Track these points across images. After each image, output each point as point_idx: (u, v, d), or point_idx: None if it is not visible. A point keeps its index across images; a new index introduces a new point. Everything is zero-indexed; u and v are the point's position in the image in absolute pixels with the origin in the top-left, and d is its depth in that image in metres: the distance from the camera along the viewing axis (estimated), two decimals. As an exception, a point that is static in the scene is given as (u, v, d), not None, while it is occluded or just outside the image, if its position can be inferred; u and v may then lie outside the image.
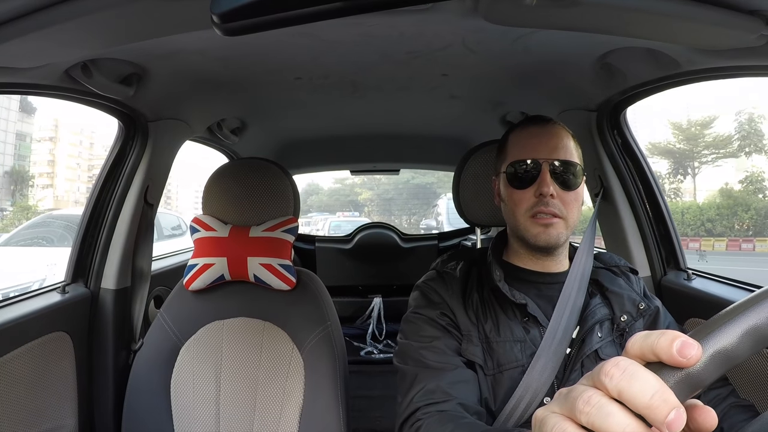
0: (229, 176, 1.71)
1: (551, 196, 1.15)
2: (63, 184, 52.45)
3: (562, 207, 1.16)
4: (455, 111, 2.24)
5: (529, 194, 1.18)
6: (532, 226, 1.17)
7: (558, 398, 0.47)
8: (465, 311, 1.16)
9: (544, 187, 1.15)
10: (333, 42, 1.34)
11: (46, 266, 6.26)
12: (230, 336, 1.62)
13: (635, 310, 1.15)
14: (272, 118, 2.35)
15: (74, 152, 54.37)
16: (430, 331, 1.15)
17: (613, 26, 1.03)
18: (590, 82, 1.58)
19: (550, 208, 1.15)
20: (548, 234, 1.16)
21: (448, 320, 1.16)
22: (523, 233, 1.19)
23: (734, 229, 30.78)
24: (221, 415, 1.55)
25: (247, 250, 1.61)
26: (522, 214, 1.18)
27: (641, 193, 1.80)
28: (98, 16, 0.89)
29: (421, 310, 1.19)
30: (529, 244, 1.19)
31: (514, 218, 1.21)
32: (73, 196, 50.86)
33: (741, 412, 0.95)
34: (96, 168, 50.27)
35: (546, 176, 1.16)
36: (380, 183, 43.58)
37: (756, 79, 1.24)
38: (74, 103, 1.47)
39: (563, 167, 1.18)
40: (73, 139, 54.62)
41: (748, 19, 0.92)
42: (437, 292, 1.20)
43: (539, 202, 1.16)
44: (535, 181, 1.17)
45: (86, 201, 1.78)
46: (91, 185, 1.88)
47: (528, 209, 1.17)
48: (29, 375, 1.42)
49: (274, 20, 0.67)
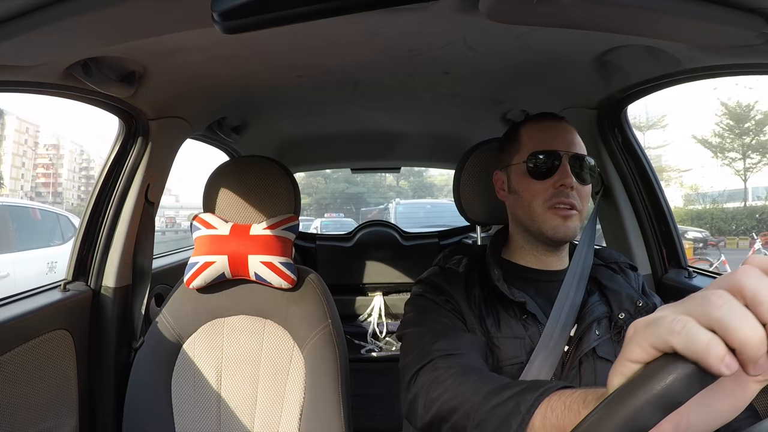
0: (230, 174, 1.71)
1: (571, 188, 1.15)
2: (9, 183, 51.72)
3: (579, 200, 1.17)
4: (456, 109, 2.24)
5: (546, 185, 1.17)
6: (550, 217, 1.16)
7: (671, 306, 0.50)
8: (469, 305, 1.15)
9: (566, 178, 1.15)
10: (334, 40, 1.34)
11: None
12: (231, 334, 1.62)
13: (633, 308, 1.15)
14: (273, 116, 2.35)
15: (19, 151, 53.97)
16: (437, 310, 1.13)
17: (614, 24, 1.03)
18: (591, 80, 1.58)
19: (570, 200, 1.15)
20: (566, 226, 1.16)
21: (453, 307, 1.14)
22: (540, 224, 1.18)
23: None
24: (222, 413, 1.55)
25: (247, 248, 1.61)
26: (540, 205, 1.18)
27: (642, 191, 1.80)
28: (99, 14, 0.89)
29: (427, 295, 1.18)
30: (545, 236, 1.18)
31: (530, 210, 1.20)
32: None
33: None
34: (43, 167, 50.32)
35: (567, 168, 1.16)
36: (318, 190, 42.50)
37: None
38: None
39: (581, 161, 1.19)
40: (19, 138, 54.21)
41: (749, 17, 0.92)
42: (441, 287, 1.18)
43: (559, 193, 1.16)
44: (553, 172, 1.17)
45: (87, 199, 1.78)
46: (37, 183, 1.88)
47: (546, 200, 1.17)
48: (30, 373, 1.42)
49: (274, 18, 0.68)
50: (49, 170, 58.21)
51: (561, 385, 0.75)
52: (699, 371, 0.45)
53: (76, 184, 61.90)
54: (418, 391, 0.97)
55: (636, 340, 0.51)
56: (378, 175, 30.89)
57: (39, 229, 7.33)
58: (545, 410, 0.70)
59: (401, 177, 34.39)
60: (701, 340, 0.45)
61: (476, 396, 0.84)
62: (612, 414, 0.48)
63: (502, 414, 0.77)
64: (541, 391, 0.74)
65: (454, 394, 0.88)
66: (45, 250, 7.09)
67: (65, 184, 60.42)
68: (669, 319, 0.48)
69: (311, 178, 33.70)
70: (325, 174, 31.80)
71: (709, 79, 1.37)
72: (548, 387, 0.75)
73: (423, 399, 0.94)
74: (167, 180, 1.96)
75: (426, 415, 0.93)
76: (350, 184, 35.03)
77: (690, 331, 0.46)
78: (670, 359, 0.47)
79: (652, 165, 1.82)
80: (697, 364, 0.45)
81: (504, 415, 0.76)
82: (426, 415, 0.93)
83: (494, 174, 1.35)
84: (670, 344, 0.47)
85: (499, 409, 0.78)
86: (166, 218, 31.20)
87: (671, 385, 0.46)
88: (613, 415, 0.47)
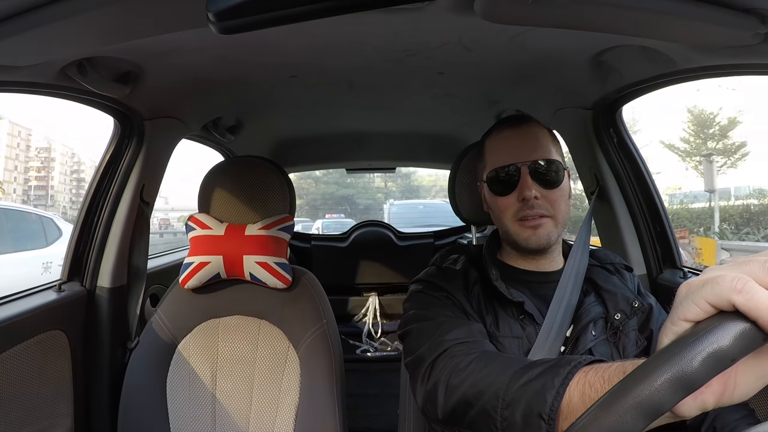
0: (225, 174, 1.70)
1: (535, 198, 1.15)
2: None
3: (548, 206, 1.16)
4: (451, 109, 2.24)
5: (512, 199, 1.18)
6: (521, 230, 1.17)
7: (725, 267, 0.53)
8: (469, 302, 1.15)
9: (526, 191, 1.15)
10: (329, 40, 1.34)
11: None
12: (226, 334, 1.62)
13: (629, 308, 1.15)
14: (268, 116, 2.35)
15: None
16: (440, 305, 1.12)
17: (609, 24, 1.03)
18: (586, 81, 1.58)
19: (536, 210, 1.15)
20: (538, 236, 1.16)
21: (454, 302, 1.14)
22: (514, 238, 1.19)
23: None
24: (217, 413, 1.55)
25: (243, 249, 1.61)
26: (509, 220, 1.19)
27: (637, 191, 1.81)
28: (94, 14, 0.88)
29: (427, 291, 1.17)
30: (521, 247, 1.19)
31: (503, 224, 1.21)
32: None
33: (734, 411, 0.95)
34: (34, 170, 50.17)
35: (527, 180, 1.16)
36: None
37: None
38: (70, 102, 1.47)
39: (543, 166, 1.17)
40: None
41: (744, 17, 0.92)
42: (440, 285, 1.18)
43: (524, 206, 1.16)
44: (515, 186, 1.17)
45: (82, 199, 1.77)
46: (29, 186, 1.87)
47: (514, 214, 1.18)
48: (25, 373, 1.41)
49: (269, 18, 0.68)
50: (40, 173, 58.06)
51: (592, 359, 0.75)
52: (756, 330, 0.47)
53: (67, 187, 61.71)
54: (437, 380, 0.94)
55: (692, 298, 0.53)
56: (367, 177, 31.00)
57: (20, 231, 6.86)
58: (583, 385, 0.70)
59: (389, 179, 34.45)
60: (763, 300, 0.47)
61: (503, 376, 0.82)
62: (666, 367, 0.48)
63: (534, 390, 0.76)
64: (573, 364, 0.74)
65: (479, 377, 0.86)
66: (20, 255, 6.58)
67: (57, 186, 60.17)
68: (730, 278, 0.50)
69: (302, 181, 33.69)
70: (315, 177, 31.84)
71: (704, 80, 1.37)
72: (580, 360, 0.75)
73: (444, 387, 0.92)
74: (162, 180, 1.95)
75: (448, 403, 0.90)
76: (340, 186, 35.12)
77: (752, 289, 0.48)
78: (725, 317, 0.49)
79: (648, 165, 1.83)
80: (756, 323, 0.47)
81: (536, 390, 0.75)
82: (448, 403, 0.90)
83: (477, 186, 1.36)
84: (731, 302, 0.49)
85: (532, 384, 0.77)
86: (159, 220, 31.09)
87: (727, 343, 0.47)
88: (666, 369, 0.48)
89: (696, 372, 0.47)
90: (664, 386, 0.47)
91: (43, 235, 7.09)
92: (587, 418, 0.51)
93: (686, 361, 0.47)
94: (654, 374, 0.48)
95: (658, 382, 0.48)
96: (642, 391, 0.48)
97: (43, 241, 7.01)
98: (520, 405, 0.76)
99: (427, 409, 0.97)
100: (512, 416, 0.77)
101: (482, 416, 0.82)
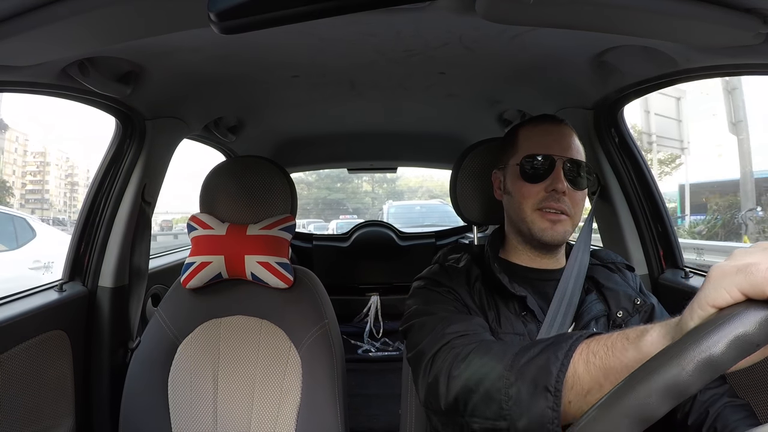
0: (227, 174, 1.70)
1: (563, 193, 1.15)
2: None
3: (570, 205, 1.17)
4: (452, 109, 2.24)
5: (539, 188, 1.17)
6: (539, 220, 1.17)
7: (756, 253, 0.55)
8: (471, 299, 1.14)
9: (558, 183, 1.15)
10: (330, 40, 1.34)
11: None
12: (227, 334, 1.62)
13: (631, 306, 1.15)
14: (269, 116, 2.35)
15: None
16: (442, 300, 1.12)
17: (611, 24, 1.03)
18: (587, 81, 1.58)
19: (561, 204, 1.15)
20: (555, 230, 1.16)
21: (456, 298, 1.13)
22: (529, 226, 1.18)
23: None
24: (218, 413, 1.55)
25: (244, 248, 1.61)
26: (529, 207, 1.18)
27: (638, 191, 1.80)
28: (95, 14, 0.89)
29: (430, 287, 1.17)
30: (534, 238, 1.19)
31: (521, 211, 1.20)
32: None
33: (735, 411, 0.95)
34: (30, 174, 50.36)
35: (560, 173, 1.16)
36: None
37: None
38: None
39: (575, 166, 1.18)
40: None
41: (746, 17, 0.92)
42: (443, 282, 1.17)
43: (549, 197, 1.16)
44: (546, 176, 1.17)
45: (83, 199, 1.78)
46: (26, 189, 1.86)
47: (536, 203, 1.17)
48: (26, 373, 1.42)
49: (271, 18, 0.67)
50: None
51: (592, 333, 0.76)
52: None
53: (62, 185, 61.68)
54: (438, 372, 0.93)
55: (723, 285, 0.54)
56: (356, 182, 31.22)
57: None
58: (587, 356, 0.71)
59: (376, 183, 34.62)
60: None
61: (505, 359, 0.82)
62: (694, 348, 0.49)
63: (538, 365, 0.76)
64: (575, 337, 0.75)
65: (480, 363, 0.86)
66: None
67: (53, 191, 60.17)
68: (764, 268, 0.51)
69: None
70: (308, 182, 32.05)
71: (705, 79, 1.37)
72: (581, 334, 0.76)
73: (445, 378, 0.91)
74: (163, 180, 1.95)
75: (450, 393, 0.89)
76: (331, 191, 35.36)
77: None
78: (752, 305, 0.51)
79: (649, 165, 1.83)
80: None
81: (541, 365, 0.76)
82: (450, 393, 0.89)
83: (493, 173, 1.35)
84: (765, 292, 0.51)
85: (535, 361, 0.77)
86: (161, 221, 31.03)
87: (754, 329, 0.49)
88: (694, 350, 0.49)
89: (724, 358, 0.48)
90: (690, 368, 0.49)
91: (14, 236, 6.47)
92: (610, 398, 0.52)
93: (715, 346, 0.49)
94: (687, 352, 0.50)
95: (688, 366, 0.49)
96: (669, 372, 0.50)
97: (13, 243, 6.41)
98: (526, 381, 0.77)
99: (430, 401, 0.97)
100: (518, 394, 0.77)
101: (485, 400, 0.82)
